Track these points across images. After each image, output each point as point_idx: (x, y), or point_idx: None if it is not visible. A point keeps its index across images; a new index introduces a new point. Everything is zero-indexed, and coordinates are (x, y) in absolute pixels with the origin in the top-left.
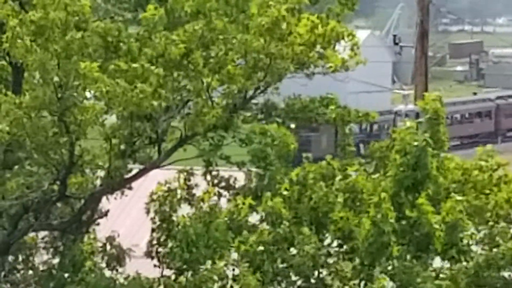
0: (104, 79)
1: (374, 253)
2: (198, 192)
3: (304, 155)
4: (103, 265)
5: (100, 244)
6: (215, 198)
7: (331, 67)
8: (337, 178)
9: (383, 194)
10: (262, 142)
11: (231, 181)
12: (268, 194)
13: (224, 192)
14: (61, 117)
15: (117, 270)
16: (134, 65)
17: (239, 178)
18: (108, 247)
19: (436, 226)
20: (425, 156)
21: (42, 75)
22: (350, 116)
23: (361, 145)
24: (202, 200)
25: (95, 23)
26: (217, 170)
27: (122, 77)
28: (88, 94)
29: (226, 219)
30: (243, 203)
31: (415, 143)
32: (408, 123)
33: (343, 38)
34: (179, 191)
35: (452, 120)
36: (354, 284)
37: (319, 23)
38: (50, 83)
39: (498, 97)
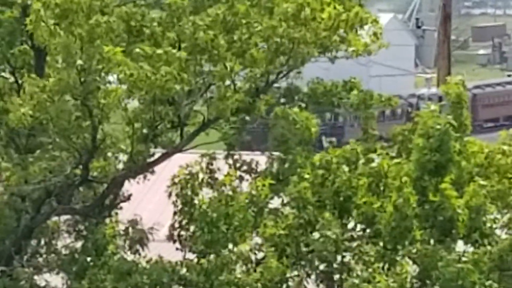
0: (127, 62)
1: (397, 237)
2: (220, 176)
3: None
4: (126, 248)
5: (122, 228)
6: (237, 181)
7: (354, 51)
8: (360, 162)
9: (405, 178)
10: (284, 126)
11: (252, 165)
12: (295, 178)
13: (246, 176)
14: (84, 101)
15: (139, 254)
16: (159, 50)
17: (261, 162)
18: (130, 230)
19: (459, 210)
20: (448, 140)
21: (65, 58)
22: (373, 100)
23: None
24: (224, 183)
25: (119, 7)
26: (239, 154)
27: (145, 61)
28: (111, 78)
29: (247, 201)
30: (263, 185)
31: (438, 127)
32: (432, 107)
33: (366, 24)
34: (201, 175)
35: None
36: (377, 268)
37: (342, 9)
38: (73, 67)
39: None
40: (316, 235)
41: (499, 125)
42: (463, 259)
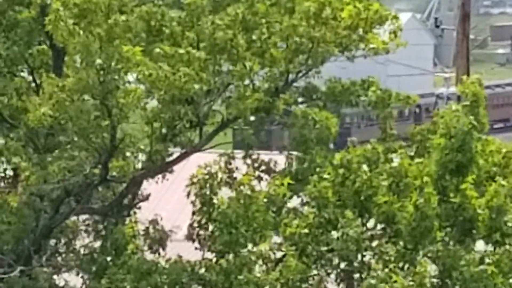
0: (147, 62)
1: (417, 237)
2: (238, 175)
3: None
4: (145, 248)
5: (142, 228)
6: (255, 181)
7: (373, 49)
8: (380, 161)
9: (425, 178)
10: (303, 126)
11: (271, 165)
12: (315, 177)
13: (265, 176)
14: (103, 101)
15: (159, 254)
16: (180, 50)
17: (280, 161)
18: (151, 230)
19: (480, 210)
20: (470, 140)
21: (84, 58)
22: (391, 99)
23: None
24: (242, 183)
25: (138, 7)
26: (258, 154)
27: (165, 61)
28: (130, 78)
29: (265, 200)
30: (282, 184)
31: (460, 127)
32: (453, 106)
33: (386, 21)
34: (219, 175)
35: None
36: (397, 268)
37: (362, 8)
38: (92, 66)
39: None
40: (335, 234)
41: (509, 125)
42: (486, 260)
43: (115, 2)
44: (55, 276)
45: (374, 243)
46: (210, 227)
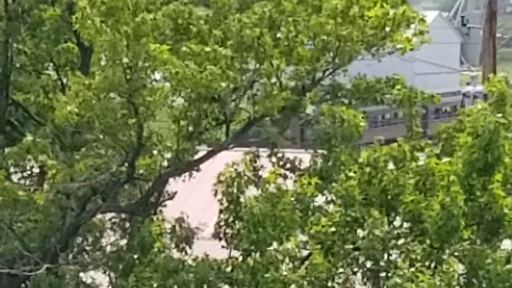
0: (174, 61)
1: (443, 236)
2: (264, 173)
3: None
4: (172, 246)
5: (168, 226)
6: (281, 179)
7: (400, 48)
8: (407, 159)
9: (452, 177)
10: (329, 124)
11: (296, 163)
12: (342, 176)
13: (290, 174)
14: (130, 99)
15: (185, 252)
16: (207, 48)
17: (304, 159)
18: (177, 228)
19: (507, 210)
20: (497, 138)
21: (111, 56)
22: (417, 97)
23: None
24: (268, 181)
25: (166, 5)
26: (283, 152)
27: (192, 59)
28: (157, 76)
29: (292, 199)
30: (309, 183)
31: (487, 125)
32: (480, 105)
33: (413, 23)
34: (246, 173)
35: None
36: (422, 267)
37: (390, 8)
38: (119, 65)
39: None
40: (362, 233)
41: None
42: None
43: (142, 0)
44: (81, 274)
45: (401, 242)
46: (237, 226)
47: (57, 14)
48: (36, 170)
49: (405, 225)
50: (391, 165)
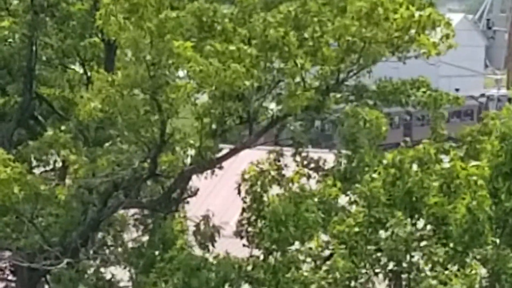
0: (197, 58)
1: (467, 239)
2: (287, 173)
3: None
4: (193, 243)
5: (189, 223)
6: (304, 179)
7: (424, 52)
8: (431, 161)
9: (479, 182)
10: (353, 125)
11: (320, 163)
12: (366, 177)
13: (313, 174)
14: (153, 95)
15: (208, 250)
16: (231, 47)
17: (328, 159)
18: (202, 226)
19: None
20: None
21: (134, 53)
22: (442, 100)
23: None
24: (292, 181)
25: (191, 2)
26: (307, 151)
27: (216, 58)
28: (180, 73)
29: (316, 200)
30: (334, 185)
31: None
32: (506, 109)
33: (438, 26)
34: (270, 172)
35: None
36: (449, 271)
37: (415, 10)
38: (142, 61)
39: None
40: (384, 233)
41: None
42: None
43: None
44: (102, 269)
45: (423, 244)
46: (259, 224)
47: (84, 9)
48: (58, 164)
49: (429, 227)
50: (415, 167)
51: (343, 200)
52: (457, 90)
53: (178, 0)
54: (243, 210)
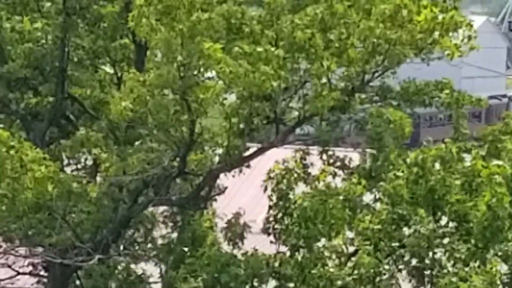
0: (227, 60)
1: (488, 236)
2: (313, 171)
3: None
4: (222, 240)
5: (217, 220)
6: (330, 177)
7: (447, 54)
8: (453, 160)
9: (498, 179)
10: (378, 125)
11: (346, 161)
12: (390, 175)
13: (339, 172)
14: (183, 96)
15: (237, 246)
16: (259, 49)
17: (354, 158)
18: (233, 222)
19: None
20: None
21: (166, 54)
22: (464, 101)
23: None
24: (318, 179)
25: (220, 5)
26: (333, 150)
27: (244, 59)
28: (209, 74)
29: (341, 197)
30: (359, 183)
31: None
32: None
33: (461, 27)
34: (296, 170)
35: None
36: (470, 267)
37: (438, 12)
38: (173, 62)
39: None
40: (408, 230)
41: None
42: None
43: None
44: (132, 265)
45: (446, 241)
46: (286, 221)
47: (115, 11)
48: (90, 162)
49: (451, 224)
50: (438, 166)
51: (368, 197)
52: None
53: (207, 3)
54: (270, 207)
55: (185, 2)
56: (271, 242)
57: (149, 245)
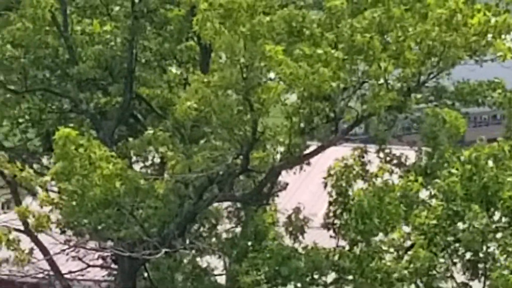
0: (288, 61)
1: None
2: (371, 168)
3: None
4: (283, 234)
5: (279, 215)
6: (387, 174)
7: (501, 56)
8: (507, 157)
9: None
10: (434, 124)
11: (402, 159)
12: (445, 172)
13: (396, 169)
14: (246, 96)
15: (298, 241)
16: (319, 51)
17: (410, 156)
18: (293, 217)
19: None
20: None
21: (229, 56)
22: None
23: None
24: (376, 176)
25: (281, 8)
26: (390, 148)
27: (305, 61)
28: (271, 75)
29: (398, 194)
30: (415, 180)
31: None
32: None
33: None
34: (355, 167)
35: None
36: None
37: (491, 16)
38: (236, 64)
39: None
40: (462, 225)
41: None
42: None
43: (259, 3)
44: (198, 258)
45: (499, 235)
46: (345, 217)
47: (181, 15)
48: (157, 160)
49: (503, 219)
50: (491, 163)
51: (423, 194)
52: None
53: (269, 7)
54: (330, 203)
55: (245, 6)
56: (331, 236)
57: (214, 239)
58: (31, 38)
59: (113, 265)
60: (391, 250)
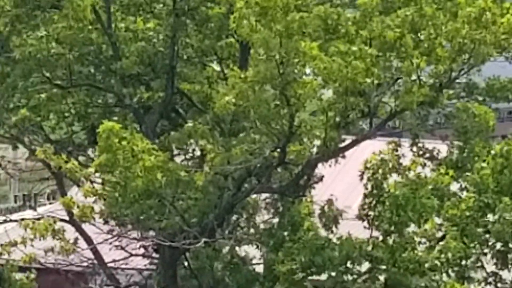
0: (322, 56)
1: None
2: (404, 162)
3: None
4: (319, 225)
5: (315, 206)
6: (420, 167)
7: None
8: None
9: None
10: (464, 119)
11: (434, 153)
12: (477, 165)
13: (428, 163)
14: (283, 91)
15: (332, 231)
16: (353, 47)
17: (442, 150)
18: (326, 209)
19: None
20: None
21: (265, 52)
22: None
23: None
24: (409, 169)
25: (317, 7)
26: (422, 142)
27: (340, 57)
28: (307, 70)
29: (431, 186)
30: (447, 173)
31: None
32: None
33: None
34: (390, 161)
35: None
36: None
37: None
38: (272, 60)
39: None
40: (493, 217)
41: None
42: None
43: (293, 1)
44: (236, 248)
45: None
46: (379, 208)
47: (221, 13)
48: (197, 153)
49: None
50: None
51: (455, 187)
52: None
53: (304, 5)
54: (365, 195)
55: (280, 4)
56: (365, 227)
57: (252, 230)
58: (75, 37)
59: (154, 254)
60: (423, 240)
